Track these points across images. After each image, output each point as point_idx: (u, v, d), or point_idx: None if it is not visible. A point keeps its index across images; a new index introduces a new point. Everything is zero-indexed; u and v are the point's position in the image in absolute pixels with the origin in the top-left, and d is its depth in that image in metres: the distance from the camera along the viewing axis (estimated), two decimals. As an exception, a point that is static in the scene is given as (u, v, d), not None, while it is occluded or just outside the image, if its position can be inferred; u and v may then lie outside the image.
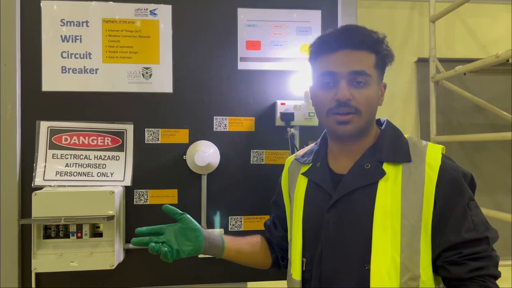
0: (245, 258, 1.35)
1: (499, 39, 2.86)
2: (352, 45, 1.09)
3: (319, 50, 1.14)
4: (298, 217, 1.23)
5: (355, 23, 1.72)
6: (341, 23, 1.73)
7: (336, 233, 1.12)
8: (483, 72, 2.53)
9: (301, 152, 1.35)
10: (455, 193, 1.07)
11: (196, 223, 1.24)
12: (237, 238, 1.35)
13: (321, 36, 1.16)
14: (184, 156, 1.66)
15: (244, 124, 1.71)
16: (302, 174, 1.26)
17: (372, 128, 1.17)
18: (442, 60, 2.71)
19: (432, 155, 1.10)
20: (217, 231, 1.68)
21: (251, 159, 1.71)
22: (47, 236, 1.53)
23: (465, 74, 2.57)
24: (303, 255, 1.19)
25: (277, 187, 1.42)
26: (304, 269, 1.19)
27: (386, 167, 1.11)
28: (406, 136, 1.18)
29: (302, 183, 1.25)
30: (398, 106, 2.88)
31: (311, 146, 1.33)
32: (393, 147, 1.13)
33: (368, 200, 1.09)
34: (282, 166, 1.42)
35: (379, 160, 1.12)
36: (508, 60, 2.16)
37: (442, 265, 1.06)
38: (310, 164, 1.26)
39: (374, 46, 1.11)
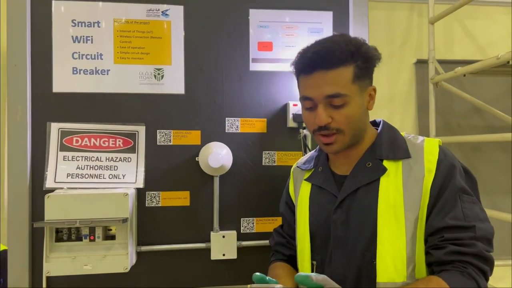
0: None
1: (497, 41, 2.89)
2: (325, 65, 1.08)
3: (297, 69, 1.15)
4: (304, 222, 1.23)
5: (367, 24, 1.74)
6: (352, 24, 1.75)
7: (344, 232, 1.13)
8: (482, 73, 2.56)
9: (302, 159, 1.37)
10: (445, 182, 1.07)
11: None
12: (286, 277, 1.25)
13: (300, 54, 1.14)
14: (196, 158, 1.65)
15: (256, 125, 1.70)
16: (305, 180, 1.28)
17: (365, 133, 1.18)
18: (441, 62, 2.73)
19: (430, 150, 1.11)
20: (229, 233, 1.67)
21: (263, 161, 1.71)
22: (58, 239, 1.51)
23: (464, 75, 2.60)
24: (313, 258, 1.20)
25: (285, 196, 1.40)
26: (314, 272, 1.18)
27: (386, 163, 1.12)
28: (402, 133, 1.20)
29: (305, 189, 1.27)
30: (397, 107, 2.89)
31: (311, 153, 1.35)
32: (391, 145, 1.15)
33: (372, 196, 1.10)
34: (294, 168, 1.42)
35: (380, 158, 1.14)
36: (508, 62, 2.18)
37: (427, 251, 1.06)
38: (312, 170, 1.27)
39: (350, 58, 1.08)
